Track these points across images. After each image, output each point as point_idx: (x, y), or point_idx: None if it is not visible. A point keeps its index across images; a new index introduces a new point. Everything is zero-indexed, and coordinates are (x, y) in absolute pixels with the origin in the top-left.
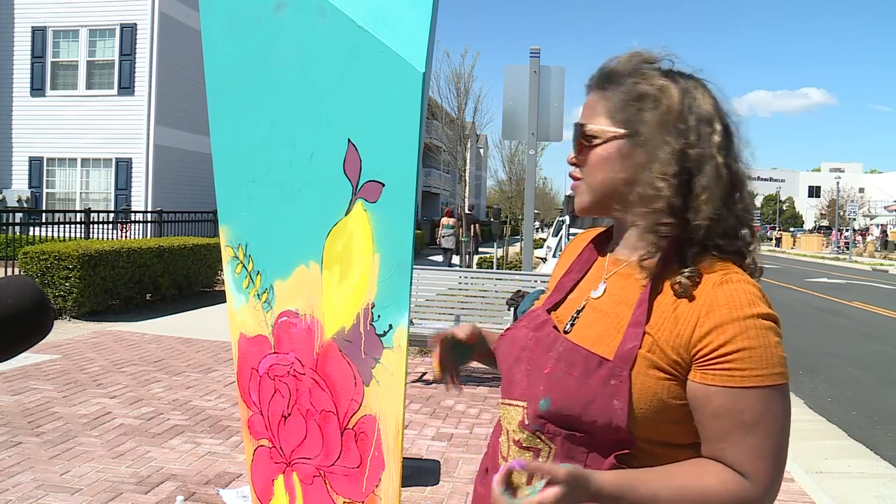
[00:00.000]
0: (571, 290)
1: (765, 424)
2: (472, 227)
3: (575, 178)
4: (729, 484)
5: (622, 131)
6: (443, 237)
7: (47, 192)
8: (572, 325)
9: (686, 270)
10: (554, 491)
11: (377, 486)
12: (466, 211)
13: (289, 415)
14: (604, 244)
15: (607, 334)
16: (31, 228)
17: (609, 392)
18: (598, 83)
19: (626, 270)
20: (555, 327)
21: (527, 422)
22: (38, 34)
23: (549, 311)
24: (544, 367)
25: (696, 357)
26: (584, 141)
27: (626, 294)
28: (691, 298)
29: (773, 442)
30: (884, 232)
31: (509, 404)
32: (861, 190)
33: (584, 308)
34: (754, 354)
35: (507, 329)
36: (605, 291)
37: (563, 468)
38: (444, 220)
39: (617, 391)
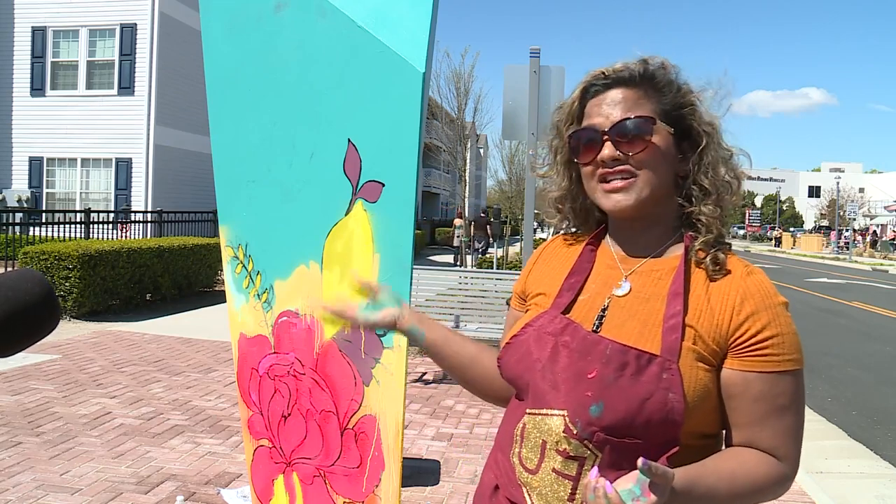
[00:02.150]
0: (579, 292)
1: (795, 406)
2: (485, 227)
3: (628, 173)
4: (769, 467)
5: (672, 130)
6: (455, 237)
7: (47, 192)
8: (599, 324)
9: (710, 254)
10: (656, 497)
11: (377, 486)
12: (481, 213)
13: (289, 415)
14: (594, 246)
15: (647, 330)
16: (31, 228)
17: (664, 386)
18: (640, 81)
19: (647, 267)
20: (594, 330)
21: (575, 430)
22: (38, 34)
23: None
24: (588, 372)
25: (733, 345)
26: (645, 136)
27: (654, 289)
28: (723, 288)
29: (801, 421)
30: (874, 233)
31: (544, 414)
32: (861, 190)
33: (608, 307)
34: (786, 340)
35: (513, 337)
36: (630, 289)
37: (667, 469)
38: (457, 221)
39: (671, 384)
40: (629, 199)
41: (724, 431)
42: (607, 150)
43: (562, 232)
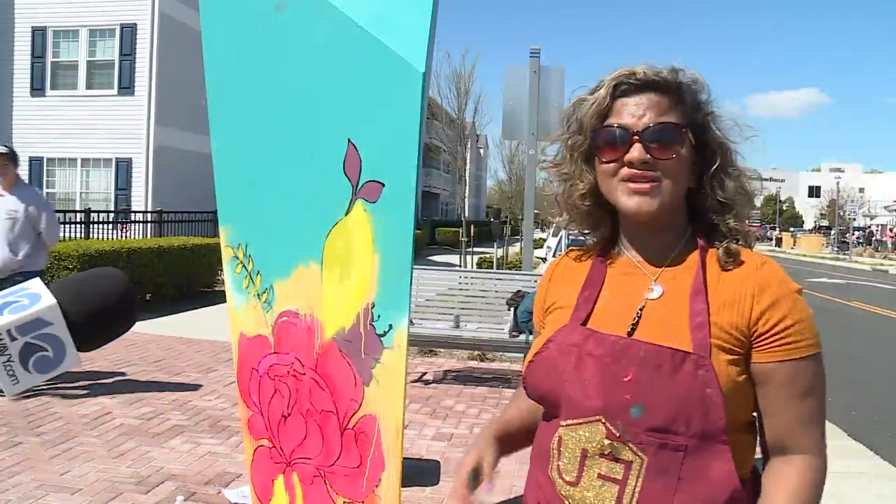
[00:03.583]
0: (595, 303)
1: (816, 389)
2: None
3: (651, 180)
4: (805, 471)
5: (693, 142)
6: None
7: (47, 192)
8: (633, 329)
9: (722, 245)
10: None
11: (377, 486)
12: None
13: (289, 415)
14: (604, 257)
15: (676, 330)
16: None
17: (700, 382)
18: (669, 89)
19: (671, 272)
20: (628, 334)
21: (617, 433)
22: (38, 34)
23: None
24: (623, 375)
25: (756, 335)
26: (676, 145)
27: (677, 290)
28: (739, 278)
29: (822, 407)
30: (870, 232)
31: (580, 423)
32: (861, 190)
33: (642, 311)
34: (805, 326)
35: (536, 354)
36: (663, 292)
37: None
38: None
39: (707, 380)
40: (653, 204)
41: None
42: (637, 151)
43: (570, 248)
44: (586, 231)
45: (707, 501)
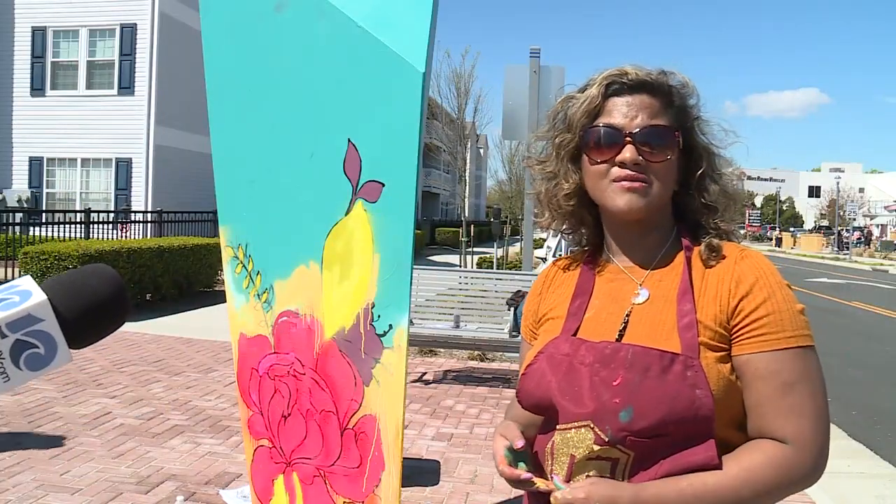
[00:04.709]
0: (585, 312)
1: (803, 384)
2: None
3: (640, 181)
4: (774, 454)
5: (681, 145)
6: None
7: (47, 192)
8: (621, 335)
9: (704, 241)
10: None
11: (377, 486)
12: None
13: (289, 415)
14: (591, 266)
15: (664, 333)
16: (31, 228)
17: (689, 384)
18: (660, 92)
19: (658, 274)
20: (617, 339)
21: (606, 438)
22: (38, 34)
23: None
24: (613, 380)
25: (733, 328)
26: (668, 147)
27: (663, 292)
28: (719, 273)
29: (814, 402)
30: (869, 232)
31: (568, 429)
32: (861, 190)
33: (629, 316)
34: (784, 317)
35: (528, 366)
36: (649, 296)
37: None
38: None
39: (696, 381)
40: (641, 203)
41: None
42: (629, 153)
43: (560, 254)
44: (567, 231)
45: (686, 468)
